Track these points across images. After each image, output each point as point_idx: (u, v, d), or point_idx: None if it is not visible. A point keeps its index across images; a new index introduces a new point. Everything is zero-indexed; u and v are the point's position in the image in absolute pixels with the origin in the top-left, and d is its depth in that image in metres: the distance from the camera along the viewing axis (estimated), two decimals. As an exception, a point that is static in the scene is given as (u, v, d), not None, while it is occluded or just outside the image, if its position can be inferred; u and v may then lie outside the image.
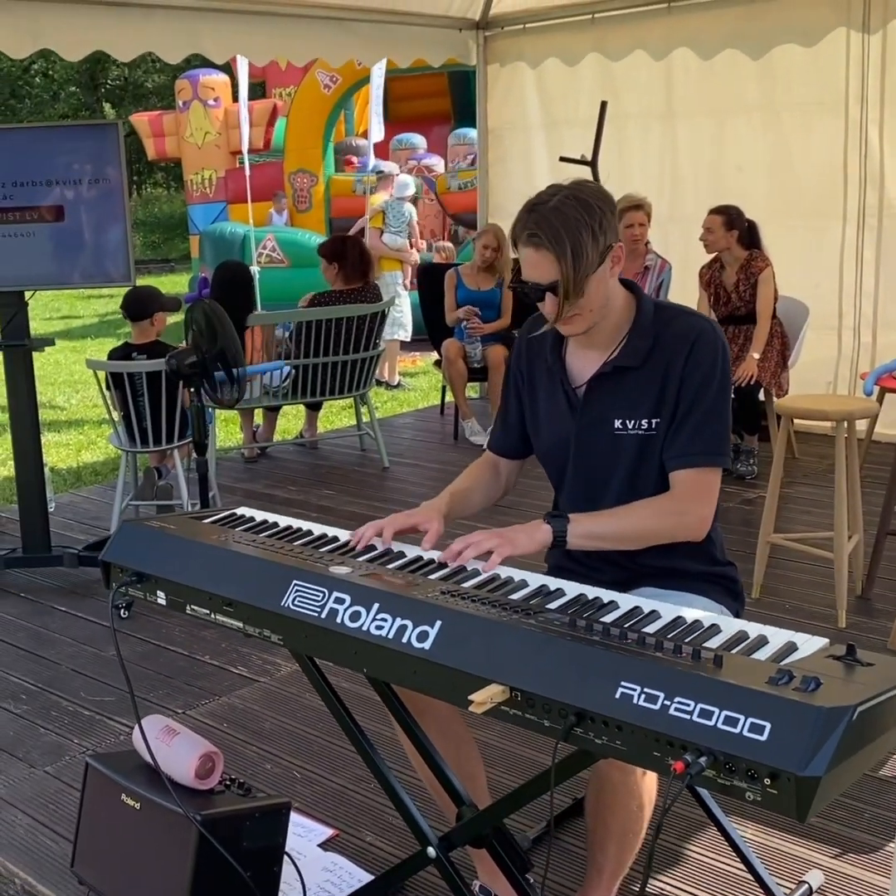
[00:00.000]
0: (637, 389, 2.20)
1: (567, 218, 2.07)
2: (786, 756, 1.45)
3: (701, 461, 2.16)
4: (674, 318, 2.24)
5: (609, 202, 2.15)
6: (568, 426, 2.28)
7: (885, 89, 6.01)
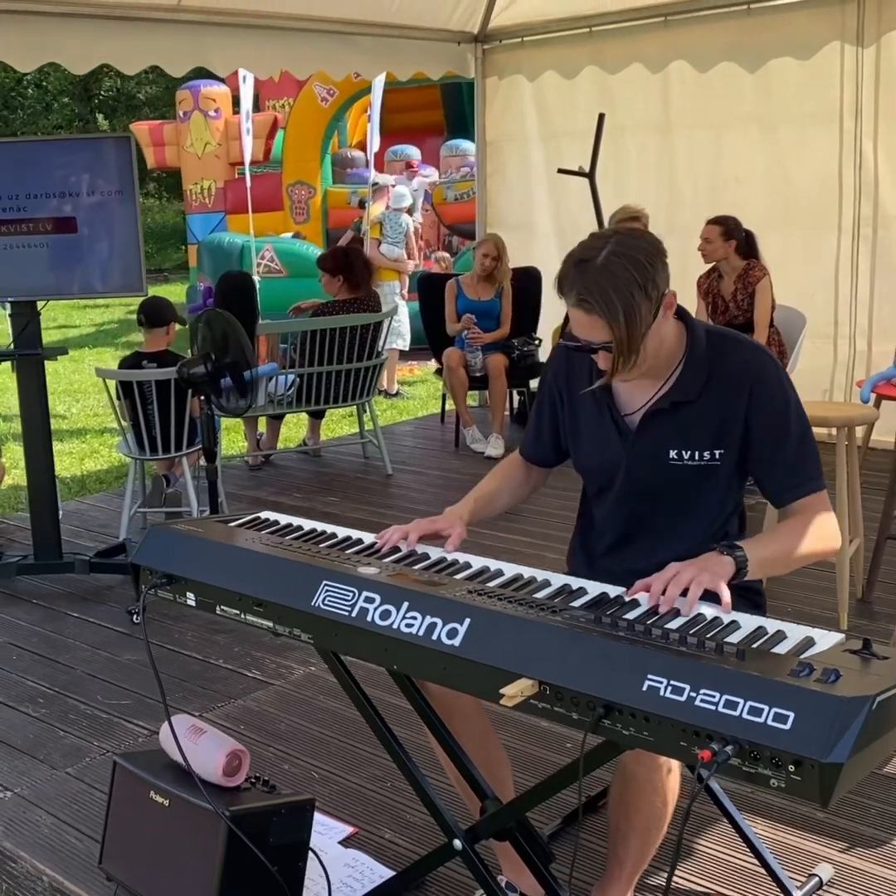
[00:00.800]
0: (693, 422, 2.18)
1: (617, 280, 2.01)
2: (809, 744, 1.50)
3: (811, 488, 2.17)
4: (728, 348, 2.20)
5: (658, 253, 2.08)
6: (617, 453, 2.26)
7: (878, 102, 6.09)
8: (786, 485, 2.18)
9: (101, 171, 4.09)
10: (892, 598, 4.14)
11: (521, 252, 7.38)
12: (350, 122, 15.23)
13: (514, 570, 2.14)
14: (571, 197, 7.31)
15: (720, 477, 2.21)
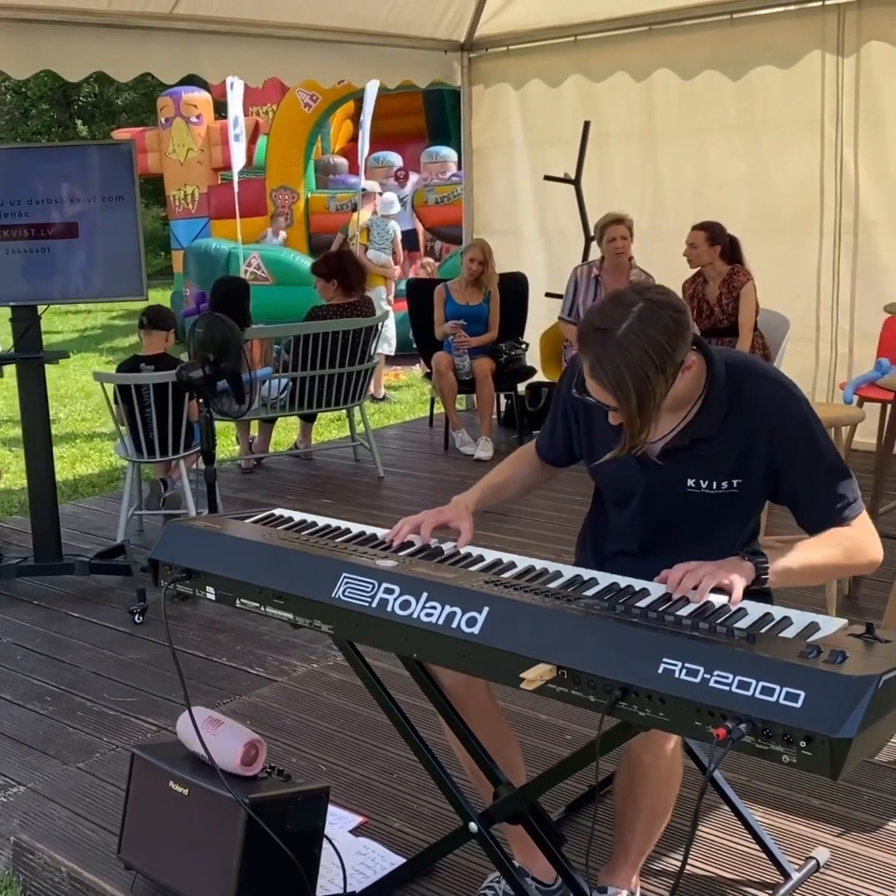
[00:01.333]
0: (713, 455, 2.19)
1: (632, 359, 1.98)
2: (820, 721, 1.58)
3: (847, 515, 2.16)
4: (747, 383, 2.18)
5: (679, 328, 2.03)
6: (634, 478, 2.27)
7: (858, 110, 6.19)
8: (823, 519, 2.17)
9: (103, 177, 4.15)
10: (878, 595, 4.22)
11: (508, 258, 7.47)
12: (333, 128, 15.30)
13: (526, 562, 2.22)
14: (557, 203, 7.41)
15: (738, 504, 2.24)
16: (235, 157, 11.16)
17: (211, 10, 5.83)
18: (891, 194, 6.17)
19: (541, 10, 7.10)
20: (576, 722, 3.34)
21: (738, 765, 3.03)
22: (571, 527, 4.97)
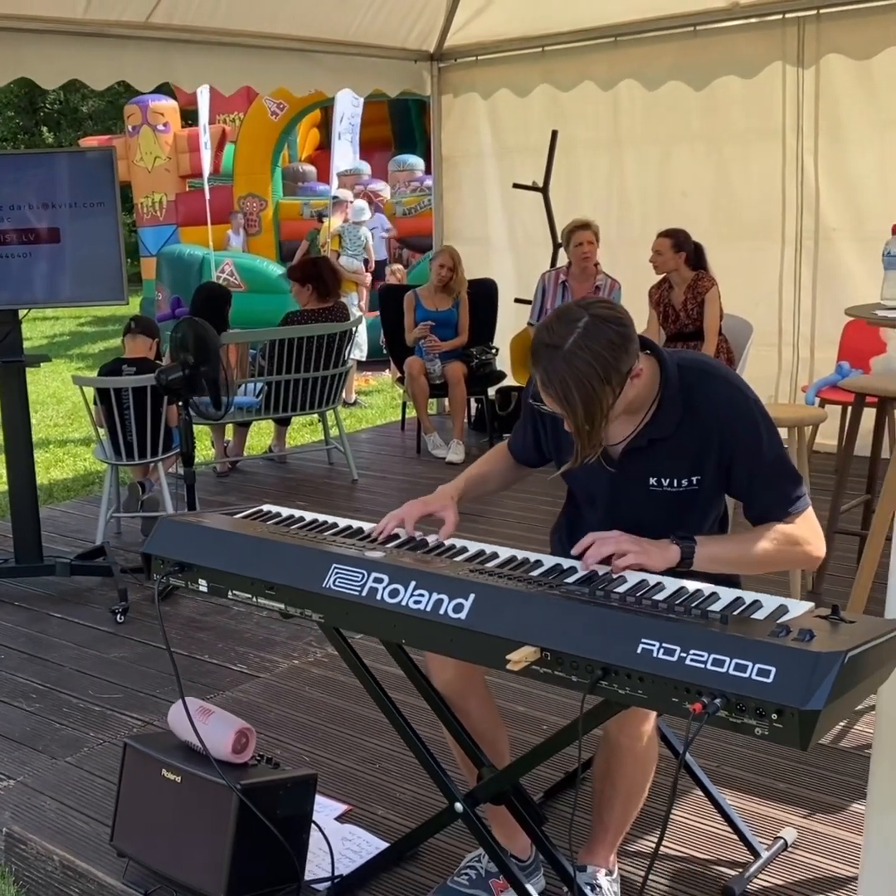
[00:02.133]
0: (672, 454, 2.29)
1: (578, 372, 2.06)
2: (790, 694, 1.68)
3: (789, 510, 2.26)
4: (700, 382, 2.27)
5: (623, 341, 2.10)
6: (600, 479, 2.36)
7: (818, 120, 6.33)
8: (766, 509, 2.28)
9: (84, 183, 4.22)
10: (840, 590, 4.32)
11: (478, 264, 7.58)
12: (300, 136, 15.38)
13: (507, 552, 2.31)
14: (525, 211, 7.53)
15: (700, 498, 2.34)
16: (204, 163, 11.23)
17: (186, 20, 5.90)
18: (850, 202, 6.31)
19: (508, 22, 7.21)
20: (552, 713, 3.44)
21: (708, 751, 3.14)
22: (541, 527, 5.09)
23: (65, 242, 4.28)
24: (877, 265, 4.19)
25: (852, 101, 6.19)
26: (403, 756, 3.14)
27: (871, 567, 3.68)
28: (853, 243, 6.29)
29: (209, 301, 6.04)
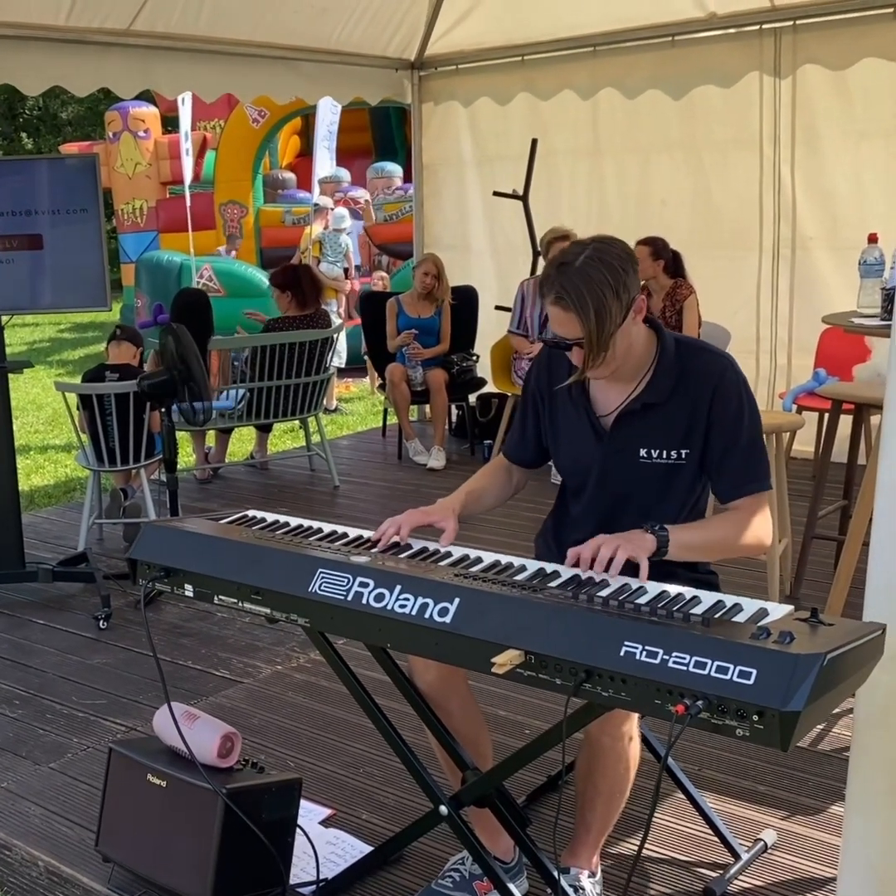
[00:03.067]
0: (663, 423, 2.37)
1: (591, 280, 2.21)
2: (770, 696, 1.71)
3: (752, 489, 2.36)
4: (695, 354, 2.40)
5: (631, 260, 2.28)
6: (592, 452, 2.44)
7: (795, 130, 6.40)
8: (731, 484, 2.38)
9: (68, 190, 4.23)
10: (817, 595, 4.37)
11: (458, 271, 7.61)
12: (281, 144, 15.41)
13: (491, 557, 2.33)
14: (506, 218, 7.56)
15: (685, 474, 2.40)
16: (185, 170, 11.24)
17: (168, 27, 5.91)
18: (826, 211, 6.37)
19: (489, 31, 7.25)
20: (534, 717, 3.47)
21: (690, 754, 3.17)
22: (522, 532, 5.15)
23: (47, 249, 4.29)
24: (852, 274, 4.24)
25: (828, 111, 6.26)
26: (387, 760, 3.16)
27: (848, 572, 3.72)
28: (829, 252, 6.36)
29: (189, 307, 6.05)
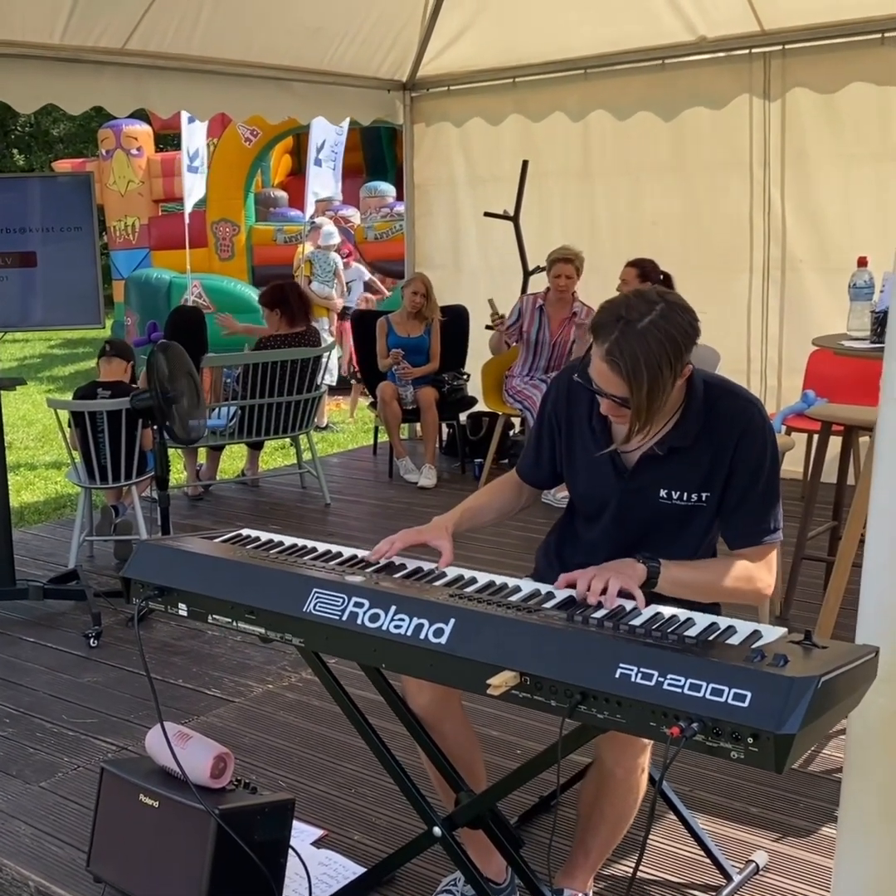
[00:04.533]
0: (686, 466, 2.33)
1: (651, 352, 2.12)
2: (765, 718, 1.71)
3: (763, 539, 2.33)
4: (723, 396, 2.33)
5: (695, 334, 2.19)
6: (611, 487, 2.40)
7: (784, 153, 6.45)
8: (741, 532, 2.35)
9: (62, 208, 4.24)
10: (807, 615, 4.37)
11: (449, 291, 7.64)
12: (273, 162, 15.47)
13: (486, 577, 2.34)
14: (497, 239, 7.59)
15: (704, 517, 2.38)
16: (186, 188, 11.26)
17: (162, 46, 5.94)
18: (815, 233, 6.42)
19: (480, 53, 7.29)
20: (527, 738, 3.47)
21: (682, 775, 3.18)
22: (513, 551, 5.16)
23: (41, 266, 4.29)
24: (842, 296, 4.27)
25: (817, 134, 6.31)
26: (379, 781, 3.15)
27: (837, 593, 3.74)
28: (819, 274, 6.40)
29: (184, 325, 6.06)
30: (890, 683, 2.01)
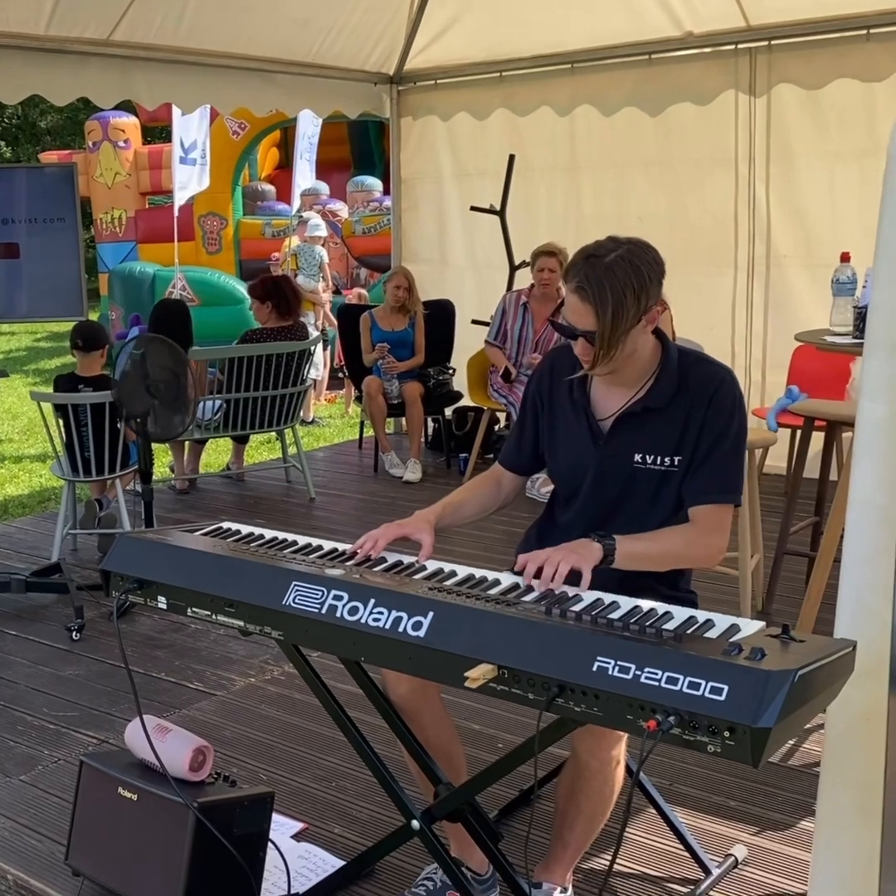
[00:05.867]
0: (660, 429, 2.39)
1: (616, 279, 2.23)
2: (742, 712, 1.72)
3: (718, 499, 2.37)
4: (697, 364, 2.42)
5: (659, 269, 2.31)
6: (588, 455, 2.46)
7: (770, 149, 6.46)
8: (700, 488, 2.38)
9: (45, 199, 4.22)
10: (788, 610, 4.39)
11: (435, 286, 7.64)
12: (260, 156, 15.42)
13: (466, 570, 2.34)
14: (483, 233, 7.59)
15: (676, 482, 2.41)
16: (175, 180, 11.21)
17: (148, 38, 5.92)
18: (800, 230, 6.43)
19: (468, 46, 7.28)
20: (507, 731, 3.47)
21: (661, 770, 3.18)
22: (497, 546, 5.17)
23: (24, 258, 4.27)
24: (826, 291, 4.28)
25: (803, 130, 6.32)
26: (359, 774, 3.15)
27: (819, 588, 3.75)
28: (803, 270, 6.42)
29: (168, 318, 6.02)
30: (868, 678, 2.02)
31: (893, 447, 1.99)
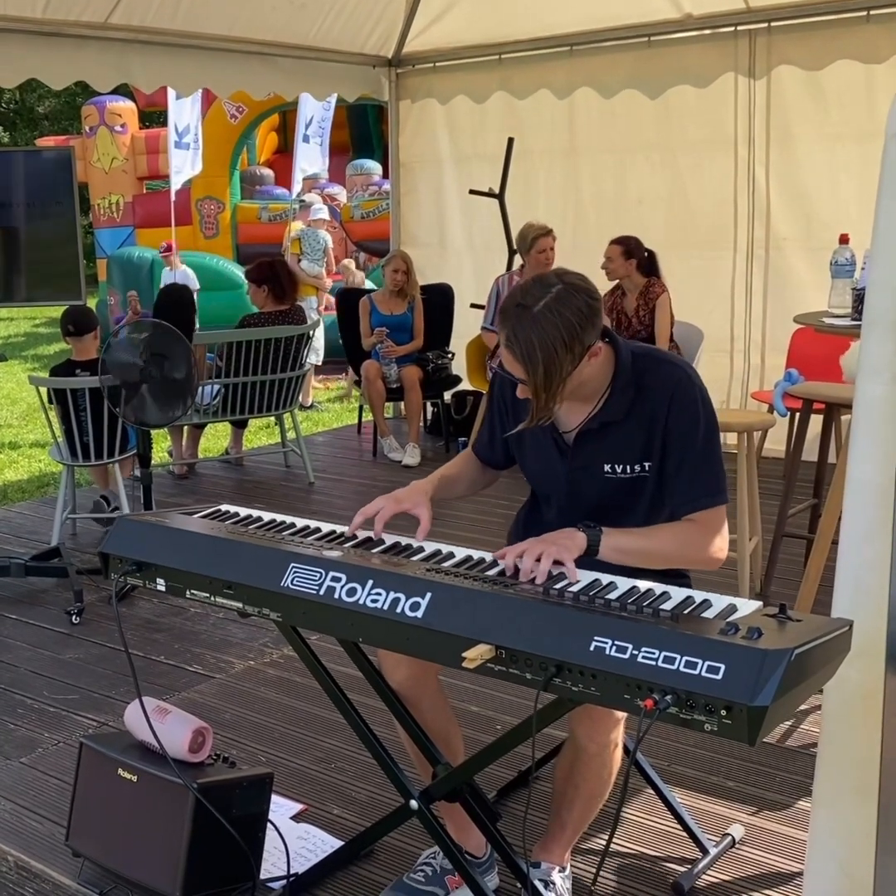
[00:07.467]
0: (622, 440, 2.35)
1: (545, 333, 2.15)
2: (738, 691, 1.72)
3: (706, 503, 2.31)
4: (652, 367, 2.34)
5: (592, 314, 2.19)
6: (558, 468, 2.44)
7: (769, 132, 6.45)
8: (682, 497, 2.33)
9: (43, 183, 4.21)
10: (787, 592, 4.39)
11: (434, 269, 7.64)
12: (259, 140, 15.38)
13: (463, 552, 2.34)
14: (482, 216, 7.58)
15: (650, 484, 2.39)
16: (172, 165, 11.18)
17: (145, 21, 5.90)
18: (799, 212, 6.43)
19: (466, 29, 7.26)
20: (505, 713, 3.48)
21: (659, 750, 3.19)
22: (496, 529, 5.16)
23: (22, 242, 4.26)
24: (825, 274, 4.27)
25: (802, 112, 6.31)
26: (358, 755, 3.16)
27: (817, 570, 3.76)
28: (803, 252, 6.42)
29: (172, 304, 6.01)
30: (865, 658, 2.02)
31: (891, 425, 1.99)
